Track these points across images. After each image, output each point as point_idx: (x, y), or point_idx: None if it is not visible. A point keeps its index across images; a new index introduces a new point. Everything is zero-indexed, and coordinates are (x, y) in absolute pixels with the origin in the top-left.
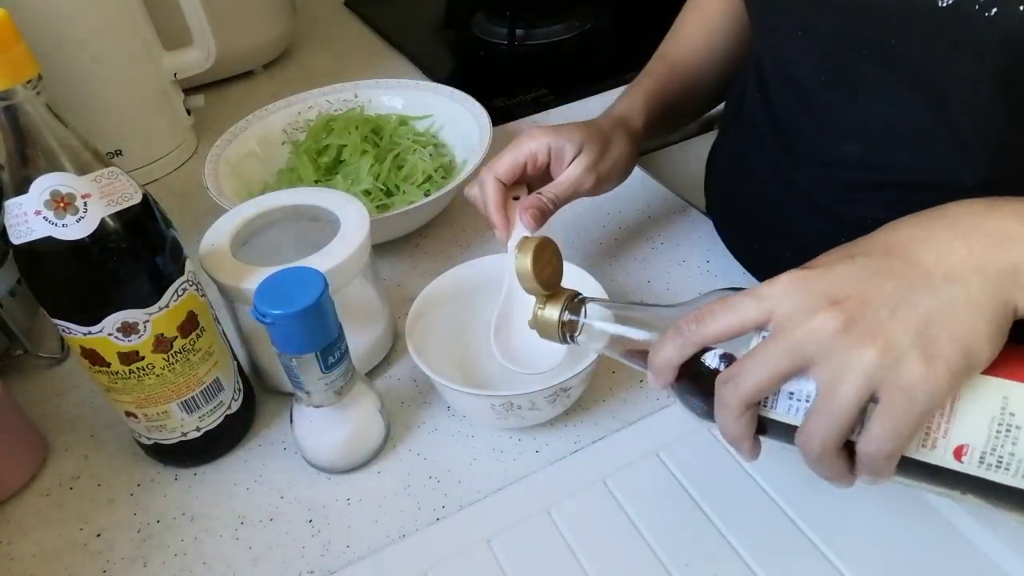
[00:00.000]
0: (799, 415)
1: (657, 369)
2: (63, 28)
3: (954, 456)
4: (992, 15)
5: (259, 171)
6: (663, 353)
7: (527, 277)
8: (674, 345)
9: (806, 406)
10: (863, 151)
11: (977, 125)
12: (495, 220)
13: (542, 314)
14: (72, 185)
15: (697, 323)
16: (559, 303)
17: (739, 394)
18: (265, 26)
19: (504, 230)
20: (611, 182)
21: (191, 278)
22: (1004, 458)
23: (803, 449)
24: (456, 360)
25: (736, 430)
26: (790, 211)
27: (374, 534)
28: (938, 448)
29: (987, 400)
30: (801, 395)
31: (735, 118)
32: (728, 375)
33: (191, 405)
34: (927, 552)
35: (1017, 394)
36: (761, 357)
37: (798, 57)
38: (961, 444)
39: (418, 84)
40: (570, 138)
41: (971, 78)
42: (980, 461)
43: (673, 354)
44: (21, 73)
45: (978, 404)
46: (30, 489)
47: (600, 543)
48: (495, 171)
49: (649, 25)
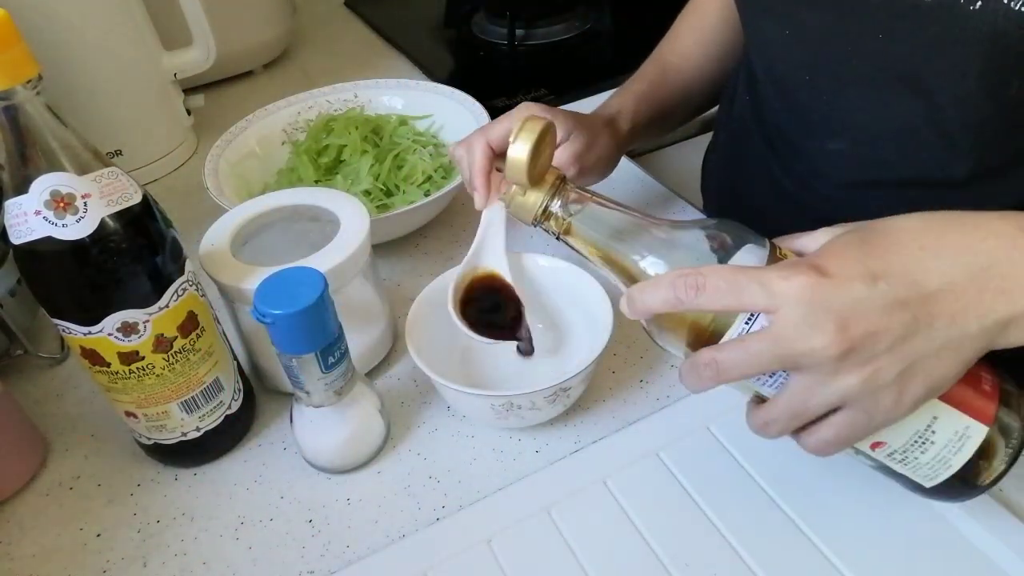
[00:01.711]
0: (766, 388)
1: (636, 308)
2: (63, 28)
3: (871, 447)
4: (976, 8)
5: (259, 171)
6: (648, 299)
7: (519, 169)
8: (664, 298)
9: (777, 383)
10: (849, 149)
11: (964, 119)
12: (477, 184)
13: (521, 199)
14: (72, 185)
15: (697, 292)
16: (543, 188)
17: (719, 378)
18: (265, 26)
19: (484, 196)
20: (591, 177)
21: (191, 278)
22: (908, 459)
23: (756, 427)
24: (456, 360)
25: (698, 391)
26: (780, 212)
27: (374, 534)
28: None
29: (919, 417)
30: (777, 375)
31: (726, 120)
32: (711, 358)
33: (191, 405)
34: (927, 552)
35: (945, 417)
36: (752, 354)
37: (784, 56)
38: (881, 441)
39: (418, 84)
40: (562, 121)
41: (957, 72)
42: (889, 455)
43: (659, 305)
44: (21, 73)
45: (910, 419)
46: (30, 489)
47: (600, 543)
48: (487, 135)
49: (649, 25)
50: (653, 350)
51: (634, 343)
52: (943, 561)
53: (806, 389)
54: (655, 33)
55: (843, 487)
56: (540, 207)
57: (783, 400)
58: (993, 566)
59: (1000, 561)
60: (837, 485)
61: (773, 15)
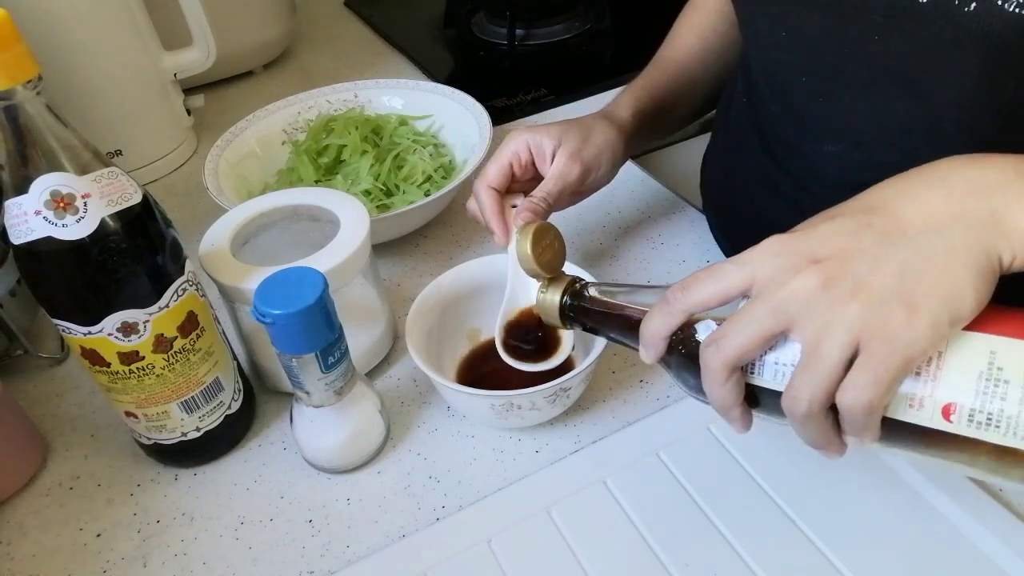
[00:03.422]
0: (786, 379)
1: (646, 340)
2: (63, 28)
3: (943, 415)
4: (971, 10)
5: (259, 171)
6: (651, 324)
7: (527, 260)
8: (661, 315)
9: (792, 371)
10: (846, 151)
11: (961, 121)
12: (493, 227)
13: (544, 297)
14: (72, 185)
15: (683, 291)
16: (561, 286)
17: (722, 356)
18: (265, 26)
19: (503, 235)
20: (599, 171)
21: (191, 278)
22: (993, 415)
23: (790, 410)
24: (456, 360)
25: (723, 395)
26: (779, 213)
27: (374, 534)
28: (925, 408)
29: (974, 356)
30: (787, 360)
31: (723, 122)
32: (711, 338)
33: (191, 405)
34: (927, 552)
35: (1004, 348)
36: (744, 319)
37: (781, 58)
38: (949, 403)
39: (418, 84)
40: (547, 133)
41: (954, 73)
42: (970, 420)
43: (660, 324)
44: (21, 73)
45: (965, 361)
46: (30, 489)
47: (600, 543)
48: (485, 180)
49: (649, 25)
50: None
51: None
52: (943, 561)
53: (812, 341)
54: (655, 33)
55: (843, 487)
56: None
57: (798, 369)
58: (993, 566)
59: (1000, 561)
60: (837, 485)
61: (770, 16)
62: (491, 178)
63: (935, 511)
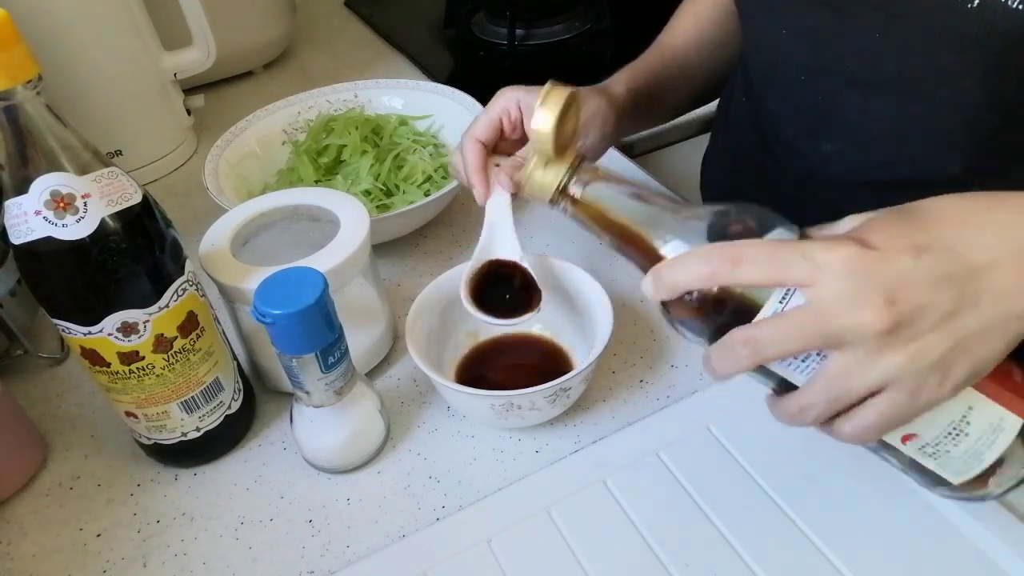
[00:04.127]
0: (801, 375)
1: (664, 285)
2: (63, 28)
3: (902, 441)
4: (974, 6)
5: (259, 171)
6: (679, 275)
7: (545, 138)
8: (697, 274)
9: (811, 369)
10: (846, 149)
11: (962, 119)
12: (475, 181)
13: (539, 175)
14: (72, 185)
15: (733, 264)
16: (563, 165)
17: (757, 358)
18: (265, 26)
19: (483, 192)
20: (587, 139)
21: (191, 278)
22: (939, 452)
23: (791, 414)
24: (456, 360)
25: (730, 374)
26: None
27: (374, 534)
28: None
29: (953, 407)
30: (809, 358)
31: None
32: (750, 336)
33: (191, 405)
34: (927, 552)
35: (980, 407)
36: (794, 330)
37: (781, 57)
38: (913, 433)
39: (418, 84)
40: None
41: (955, 72)
42: (921, 448)
43: (691, 281)
44: (21, 73)
45: (945, 409)
46: (30, 489)
47: (600, 543)
48: (473, 133)
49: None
50: (653, 350)
51: (634, 343)
52: (943, 561)
53: (848, 369)
54: (655, 33)
55: (843, 487)
56: (559, 184)
57: (822, 382)
58: (993, 566)
59: (1000, 561)
60: (837, 485)
61: (771, 14)
62: (479, 131)
63: (935, 511)
